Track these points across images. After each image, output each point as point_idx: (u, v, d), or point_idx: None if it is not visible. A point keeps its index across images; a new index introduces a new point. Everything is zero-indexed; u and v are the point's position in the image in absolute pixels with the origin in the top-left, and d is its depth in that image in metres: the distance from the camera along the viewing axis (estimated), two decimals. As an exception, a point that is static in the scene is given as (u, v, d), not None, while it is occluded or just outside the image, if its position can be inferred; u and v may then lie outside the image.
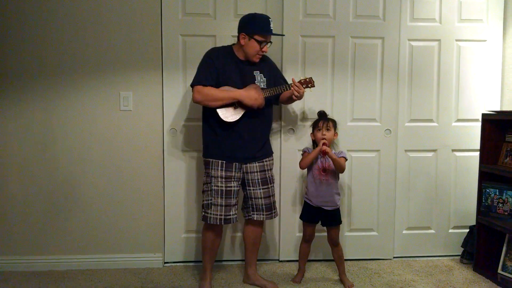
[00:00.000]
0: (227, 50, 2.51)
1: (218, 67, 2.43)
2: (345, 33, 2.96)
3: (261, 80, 2.53)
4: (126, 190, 2.92)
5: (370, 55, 2.98)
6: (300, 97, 2.57)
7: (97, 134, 2.88)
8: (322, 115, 2.67)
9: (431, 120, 3.10)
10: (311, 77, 2.61)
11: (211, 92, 2.39)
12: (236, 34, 2.51)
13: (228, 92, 2.41)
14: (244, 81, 2.47)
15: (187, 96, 2.91)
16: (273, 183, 2.64)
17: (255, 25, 2.43)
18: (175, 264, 3.00)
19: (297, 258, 2.81)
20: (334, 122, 2.64)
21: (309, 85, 2.60)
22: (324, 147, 2.52)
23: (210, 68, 2.42)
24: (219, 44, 2.83)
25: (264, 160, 2.58)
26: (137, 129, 2.90)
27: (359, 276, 2.81)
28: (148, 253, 2.97)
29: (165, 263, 3.00)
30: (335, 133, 2.64)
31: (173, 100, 2.91)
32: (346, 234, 3.07)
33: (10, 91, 2.81)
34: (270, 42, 2.49)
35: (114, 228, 2.93)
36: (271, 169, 2.63)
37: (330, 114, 2.96)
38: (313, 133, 2.66)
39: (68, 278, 2.76)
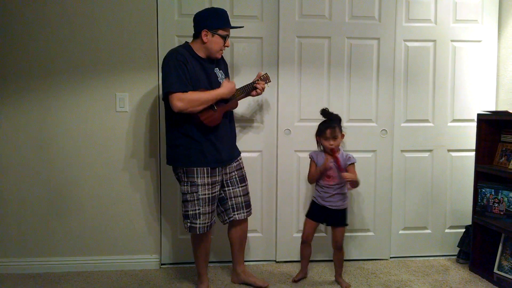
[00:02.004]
0: (188, 50, 2.37)
1: (190, 70, 2.30)
2: (341, 34, 2.96)
3: (222, 77, 2.49)
4: (122, 191, 2.91)
5: (366, 55, 2.99)
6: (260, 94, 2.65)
7: (93, 136, 2.87)
8: (327, 114, 2.62)
9: (427, 121, 3.11)
10: (266, 73, 2.68)
11: (194, 97, 2.26)
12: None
13: (210, 92, 2.33)
14: (210, 81, 2.40)
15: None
16: (247, 181, 2.63)
17: (218, 20, 2.36)
18: (172, 265, 2.99)
19: (295, 259, 2.81)
20: (339, 126, 2.59)
21: (267, 81, 2.65)
22: (347, 176, 2.50)
23: (184, 72, 2.28)
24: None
25: (238, 158, 2.59)
26: (133, 130, 2.90)
27: (356, 276, 2.82)
28: (144, 254, 2.96)
29: (161, 264, 2.99)
30: (342, 134, 2.60)
31: (169, 101, 2.91)
32: (342, 234, 3.08)
33: (6, 92, 2.80)
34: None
35: (110, 230, 2.92)
36: (244, 167, 2.62)
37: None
38: (319, 137, 2.62)
39: (65, 280, 2.75)
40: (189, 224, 2.41)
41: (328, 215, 2.61)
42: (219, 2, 2.88)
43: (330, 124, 2.56)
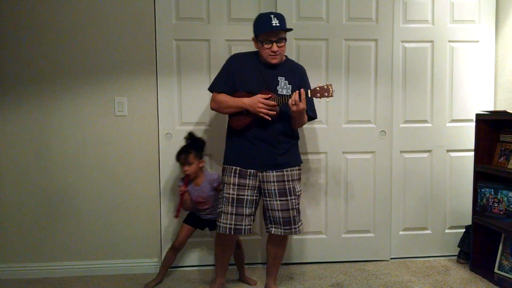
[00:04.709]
0: (249, 55, 2.43)
1: (235, 72, 2.37)
2: (339, 36, 2.97)
3: (285, 87, 2.35)
4: (122, 195, 2.91)
5: (364, 57, 2.99)
6: (298, 111, 2.22)
7: (92, 140, 2.87)
8: (188, 138, 2.63)
9: (425, 121, 3.11)
10: (330, 84, 2.22)
11: (223, 99, 2.36)
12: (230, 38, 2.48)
13: (236, 99, 2.32)
14: (265, 85, 2.33)
15: (182, 100, 2.91)
16: (296, 195, 2.38)
17: (257, 27, 2.33)
18: (172, 269, 2.98)
19: (296, 261, 2.80)
20: (196, 152, 2.57)
21: (325, 94, 2.22)
22: (182, 192, 2.56)
23: (226, 73, 2.39)
24: (212, 48, 2.87)
25: (284, 169, 2.36)
26: (132, 134, 2.90)
27: (357, 277, 2.81)
28: (145, 258, 2.96)
29: (162, 268, 2.99)
30: (200, 161, 2.58)
31: (168, 104, 2.91)
32: (343, 236, 3.08)
33: (4, 97, 2.80)
34: (284, 39, 2.29)
35: (110, 234, 2.92)
36: (293, 180, 2.38)
37: (325, 117, 2.98)
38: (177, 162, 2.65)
39: (65, 285, 2.75)
40: (217, 221, 2.42)
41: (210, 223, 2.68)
42: (217, 5, 2.89)
43: (184, 149, 2.59)
